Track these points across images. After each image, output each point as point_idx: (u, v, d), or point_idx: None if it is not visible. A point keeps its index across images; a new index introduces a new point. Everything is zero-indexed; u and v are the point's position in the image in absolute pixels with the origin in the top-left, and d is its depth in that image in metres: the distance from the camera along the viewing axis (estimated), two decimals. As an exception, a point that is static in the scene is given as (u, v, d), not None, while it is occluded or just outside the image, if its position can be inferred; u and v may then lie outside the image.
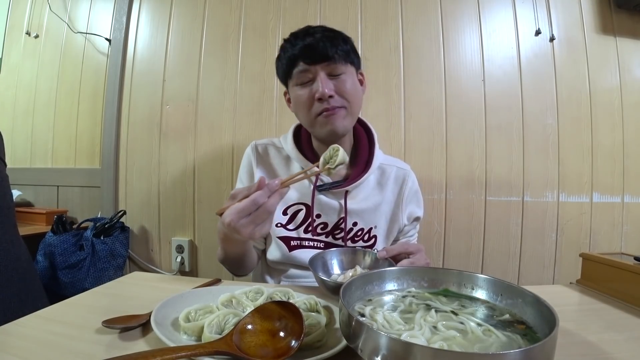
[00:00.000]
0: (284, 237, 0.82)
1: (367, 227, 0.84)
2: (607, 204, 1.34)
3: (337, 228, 0.82)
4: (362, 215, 0.83)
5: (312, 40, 0.74)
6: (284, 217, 0.83)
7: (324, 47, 0.73)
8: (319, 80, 0.73)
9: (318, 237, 0.83)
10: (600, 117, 1.34)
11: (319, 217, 0.82)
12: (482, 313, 0.41)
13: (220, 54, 1.42)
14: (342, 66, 0.75)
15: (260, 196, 0.52)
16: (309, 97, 0.75)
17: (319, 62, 0.73)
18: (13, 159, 1.63)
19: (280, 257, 0.82)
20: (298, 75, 0.76)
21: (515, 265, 1.33)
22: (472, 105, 1.33)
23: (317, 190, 0.81)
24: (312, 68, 0.74)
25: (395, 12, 1.36)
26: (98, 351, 0.39)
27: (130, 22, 1.51)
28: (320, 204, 0.81)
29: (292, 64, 0.76)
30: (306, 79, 0.75)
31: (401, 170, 0.89)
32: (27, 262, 0.88)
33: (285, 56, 0.77)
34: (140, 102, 1.49)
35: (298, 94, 0.77)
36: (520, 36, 1.35)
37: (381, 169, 0.88)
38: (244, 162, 0.90)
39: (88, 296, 0.58)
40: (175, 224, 1.45)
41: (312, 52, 0.73)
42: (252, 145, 0.89)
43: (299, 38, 0.76)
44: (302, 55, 0.74)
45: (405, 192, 0.87)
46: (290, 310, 0.42)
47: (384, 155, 0.90)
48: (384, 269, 0.48)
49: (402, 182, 0.88)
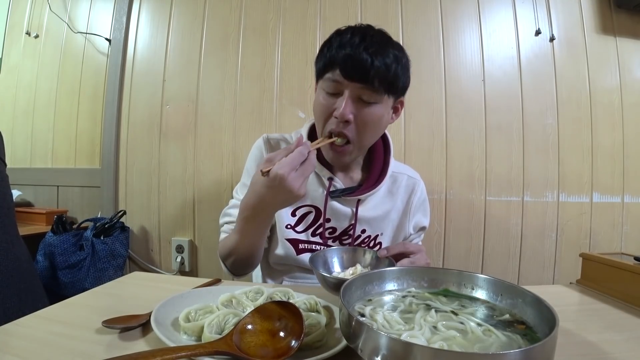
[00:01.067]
0: (292, 239, 0.81)
1: (373, 234, 0.83)
2: (607, 204, 1.34)
3: (346, 234, 0.82)
4: (371, 222, 0.82)
5: (360, 52, 0.64)
6: (293, 218, 0.81)
7: (368, 66, 0.64)
8: (344, 99, 0.66)
9: (326, 241, 0.82)
10: (600, 117, 1.34)
11: (328, 222, 0.81)
12: (482, 313, 0.41)
13: (220, 54, 1.42)
14: (378, 95, 0.67)
15: (305, 148, 0.55)
16: (329, 109, 0.69)
17: (353, 80, 0.66)
18: (13, 159, 1.63)
19: (285, 258, 0.81)
20: (328, 83, 0.69)
21: (515, 265, 1.33)
22: (472, 105, 1.33)
23: (330, 196, 0.79)
24: (344, 82, 0.66)
25: (395, 12, 1.36)
26: (98, 351, 0.39)
27: (130, 22, 1.51)
28: (331, 209, 0.80)
29: (328, 66, 0.69)
30: (334, 90, 0.69)
31: (411, 179, 0.88)
32: (27, 262, 0.88)
33: (327, 53, 0.69)
34: (140, 102, 1.49)
35: (319, 100, 0.71)
36: (520, 36, 1.35)
37: (393, 177, 0.86)
38: (254, 153, 0.86)
39: (88, 296, 0.58)
40: (175, 224, 1.45)
41: (352, 66, 0.65)
42: (263, 137, 0.85)
43: (351, 39, 0.67)
44: (342, 63, 0.66)
45: (413, 201, 0.86)
46: (290, 310, 0.42)
47: (395, 162, 0.88)
48: (384, 269, 0.48)
49: (412, 191, 0.87)
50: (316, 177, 0.81)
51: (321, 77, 0.71)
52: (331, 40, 0.70)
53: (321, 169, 0.79)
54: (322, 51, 0.72)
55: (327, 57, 0.68)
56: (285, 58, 1.39)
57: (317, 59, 0.74)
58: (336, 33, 0.71)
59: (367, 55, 0.64)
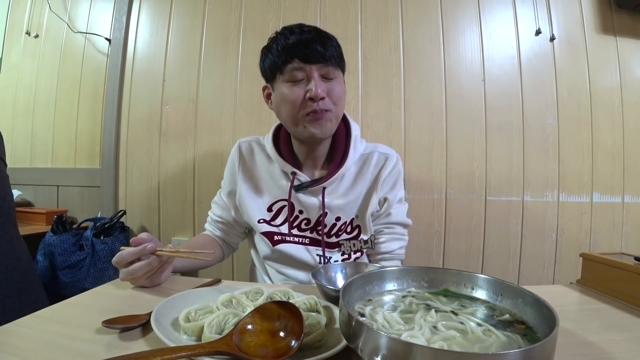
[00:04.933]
0: (266, 232, 0.83)
1: (349, 219, 0.84)
2: (607, 204, 1.34)
3: (320, 224, 0.83)
4: (344, 209, 0.83)
5: (310, 39, 0.73)
6: (269, 213, 0.85)
7: (323, 48, 0.73)
8: (314, 81, 0.72)
9: (303, 232, 0.84)
10: (601, 117, 1.34)
11: (302, 213, 0.83)
12: (482, 313, 0.41)
13: (220, 54, 1.42)
14: (335, 71, 0.76)
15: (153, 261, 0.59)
16: (299, 95, 0.73)
17: (314, 63, 0.73)
18: (13, 159, 1.63)
19: (264, 251, 0.85)
20: (291, 73, 0.74)
21: (515, 265, 1.33)
22: (472, 104, 1.33)
23: (295, 190, 0.82)
24: (307, 67, 0.73)
25: (395, 11, 1.36)
26: (98, 351, 0.39)
27: (130, 22, 1.51)
28: (299, 202, 0.82)
29: (286, 59, 0.73)
30: (298, 77, 0.74)
31: (382, 155, 0.87)
32: (27, 262, 0.88)
33: (279, 49, 0.74)
34: (140, 101, 1.48)
35: (286, 92, 0.75)
36: (521, 36, 1.35)
37: (362, 158, 0.86)
38: (228, 163, 0.91)
39: (88, 296, 0.58)
40: (175, 224, 1.45)
41: (310, 51, 0.72)
42: (236, 146, 0.90)
43: (295, 34, 0.74)
44: (299, 52, 0.72)
45: (382, 175, 0.84)
46: (290, 310, 0.42)
47: (367, 144, 0.89)
48: (384, 269, 0.48)
49: (382, 166, 0.85)
50: (282, 173, 0.84)
51: (280, 72, 0.75)
52: (276, 40, 0.76)
53: (284, 165, 0.82)
54: (269, 51, 0.78)
55: (282, 52, 0.74)
56: (285, 58, 1.39)
57: (263, 60, 0.80)
58: (277, 34, 0.77)
59: (316, 38, 0.73)
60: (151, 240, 0.61)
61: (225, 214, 0.90)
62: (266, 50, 0.79)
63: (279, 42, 0.75)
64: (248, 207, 0.85)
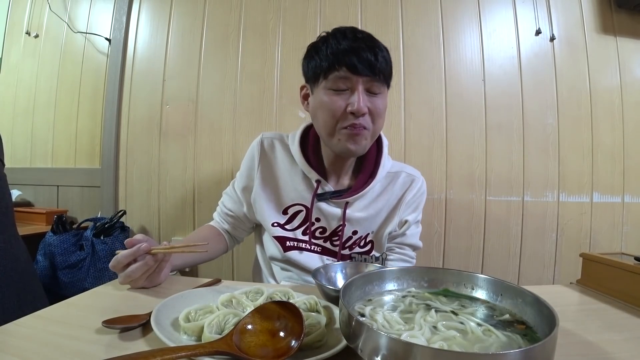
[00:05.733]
0: (279, 237, 0.82)
1: (364, 234, 0.83)
2: (607, 204, 1.34)
3: (335, 235, 0.82)
4: (362, 223, 0.82)
5: (362, 48, 0.68)
6: (284, 216, 0.83)
7: (374, 58, 0.68)
8: (358, 94, 0.68)
9: (316, 240, 0.82)
10: (601, 117, 1.34)
11: (318, 221, 0.81)
12: (482, 313, 0.41)
13: (220, 53, 1.42)
14: (381, 86, 0.72)
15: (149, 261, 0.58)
16: (340, 107, 0.70)
17: (362, 75, 0.68)
18: (13, 159, 1.63)
19: (275, 255, 0.84)
20: (335, 81, 0.69)
21: (515, 265, 1.33)
22: (472, 104, 1.33)
23: (317, 199, 0.80)
24: (353, 78, 0.69)
25: (395, 12, 1.36)
26: (98, 351, 0.39)
27: (130, 22, 1.51)
28: (320, 210, 0.80)
29: (333, 65, 0.69)
30: (342, 87, 0.70)
31: (409, 176, 0.86)
32: (26, 262, 0.88)
33: (327, 52, 0.70)
34: (140, 101, 1.48)
35: (326, 100, 0.71)
36: (521, 36, 1.35)
37: (390, 176, 0.85)
38: (247, 156, 0.87)
39: (88, 296, 0.58)
40: (175, 224, 1.45)
41: (359, 61, 0.67)
42: (258, 140, 0.86)
43: (347, 39, 0.69)
44: (348, 61, 0.68)
45: (407, 197, 0.84)
46: (290, 310, 0.42)
47: (394, 163, 0.87)
48: (384, 269, 0.48)
49: (408, 188, 0.85)
50: (304, 177, 0.82)
51: (324, 77, 0.71)
52: (326, 41, 0.71)
53: (309, 171, 0.80)
54: (316, 51, 0.73)
55: (330, 56, 0.69)
56: (285, 58, 1.39)
57: (308, 59, 0.75)
58: (329, 35, 0.73)
59: (370, 50, 0.68)
60: (146, 241, 0.60)
61: (236, 207, 0.88)
62: (313, 51, 0.74)
63: (330, 45, 0.70)
64: (263, 207, 0.83)
